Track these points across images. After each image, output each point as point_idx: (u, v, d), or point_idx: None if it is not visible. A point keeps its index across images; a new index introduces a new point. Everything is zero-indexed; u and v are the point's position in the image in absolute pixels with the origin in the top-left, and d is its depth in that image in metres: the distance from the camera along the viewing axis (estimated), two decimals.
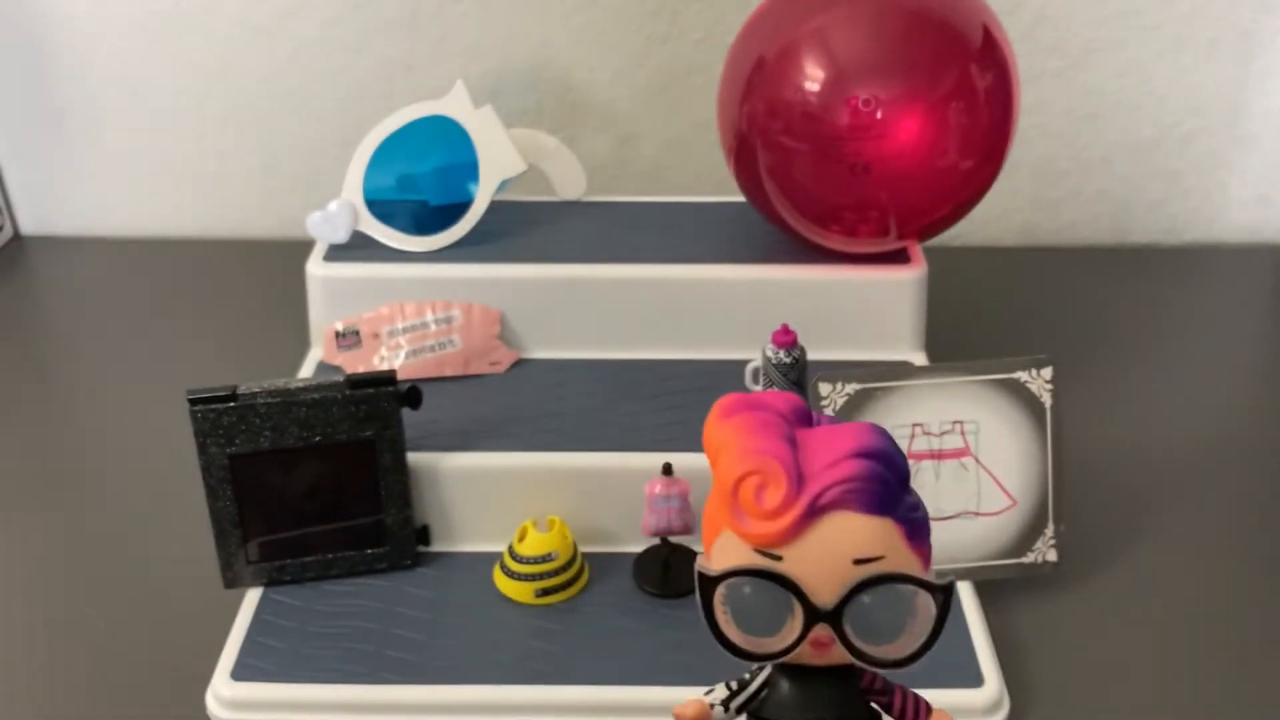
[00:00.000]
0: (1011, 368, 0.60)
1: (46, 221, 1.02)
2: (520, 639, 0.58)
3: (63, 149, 0.99)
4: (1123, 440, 0.75)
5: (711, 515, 0.24)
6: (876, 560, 0.23)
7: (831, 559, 0.23)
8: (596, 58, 0.94)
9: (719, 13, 0.92)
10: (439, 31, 0.93)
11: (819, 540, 0.23)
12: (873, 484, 0.23)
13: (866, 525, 0.23)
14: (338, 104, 0.96)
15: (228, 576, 0.60)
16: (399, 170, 0.73)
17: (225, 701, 0.55)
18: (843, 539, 0.23)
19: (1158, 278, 0.95)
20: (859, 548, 0.23)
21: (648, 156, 0.97)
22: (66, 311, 0.93)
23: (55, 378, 0.84)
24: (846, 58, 0.64)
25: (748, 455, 0.24)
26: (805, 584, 0.23)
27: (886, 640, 0.23)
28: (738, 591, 0.23)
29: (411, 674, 0.55)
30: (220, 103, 0.96)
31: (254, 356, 0.82)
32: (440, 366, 0.69)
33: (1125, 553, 0.66)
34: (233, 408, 0.58)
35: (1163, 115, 0.96)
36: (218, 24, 0.93)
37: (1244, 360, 0.85)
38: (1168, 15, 0.92)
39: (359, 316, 0.70)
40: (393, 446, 0.60)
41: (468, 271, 0.71)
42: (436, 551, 0.63)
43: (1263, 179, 0.98)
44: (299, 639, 0.57)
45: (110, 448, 0.76)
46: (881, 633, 0.23)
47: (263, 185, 1.00)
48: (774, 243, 0.73)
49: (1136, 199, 0.99)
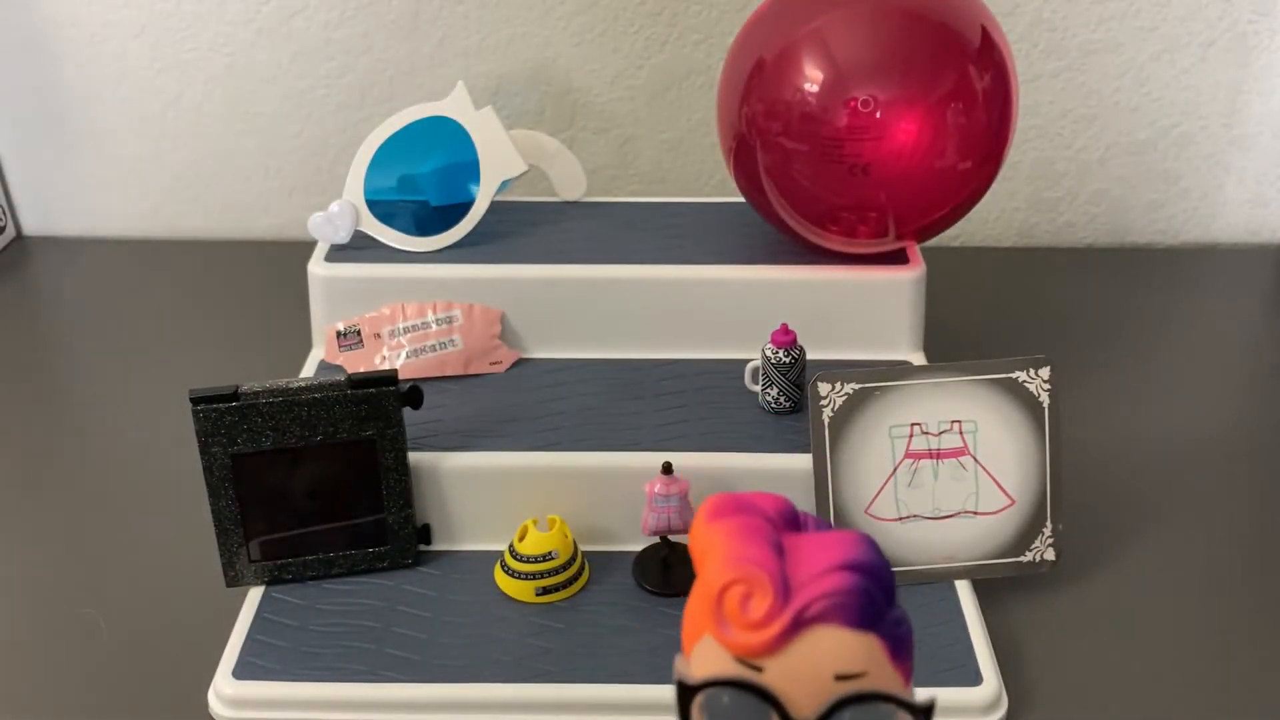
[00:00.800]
0: (1009, 368, 0.61)
1: (48, 222, 1.03)
2: (520, 638, 0.58)
3: (65, 149, 1.00)
4: (1121, 440, 0.75)
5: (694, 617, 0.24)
6: (859, 677, 0.23)
7: (813, 673, 0.23)
8: (597, 59, 0.94)
9: (719, 14, 0.92)
10: (440, 33, 0.93)
11: (802, 654, 0.23)
12: (859, 598, 0.23)
13: (850, 641, 0.23)
14: (339, 105, 0.96)
15: (230, 575, 0.61)
16: (400, 171, 0.74)
17: (227, 699, 0.55)
18: (826, 654, 0.23)
19: (1155, 278, 0.95)
20: (842, 663, 0.23)
21: (648, 157, 0.97)
22: (68, 311, 0.93)
23: (57, 378, 0.85)
24: (845, 59, 0.65)
25: (735, 563, 0.23)
26: (786, 697, 0.23)
27: None
28: (716, 700, 0.23)
29: (412, 672, 0.56)
30: (222, 104, 0.97)
31: (256, 356, 0.83)
32: (441, 366, 0.70)
33: (1123, 552, 0.66)
34: (235, 407, 0.58)
35: (1160, 117, 0.96)
36: (220, 25, 0.94)
37: (1241, 360, 0.86)
38: (1164, 17, 0.92)
39: (360, 316, 0.70)
40: (394, 446, 0.60)
41: (468, 271, 0.71)
42: (437, 550, 0.63)
43: (1259, 180, 0.98)
44: (300, 637, 0.58)
45: (111, 448, 0.76)
46: None
47: (264, 186, 1.00)
48: (773, 243, 0.73)
49: (1134, 200, 0.99)
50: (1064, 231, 1.00)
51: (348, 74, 0.95)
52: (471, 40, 0.93)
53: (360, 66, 0.95)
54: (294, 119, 0.97)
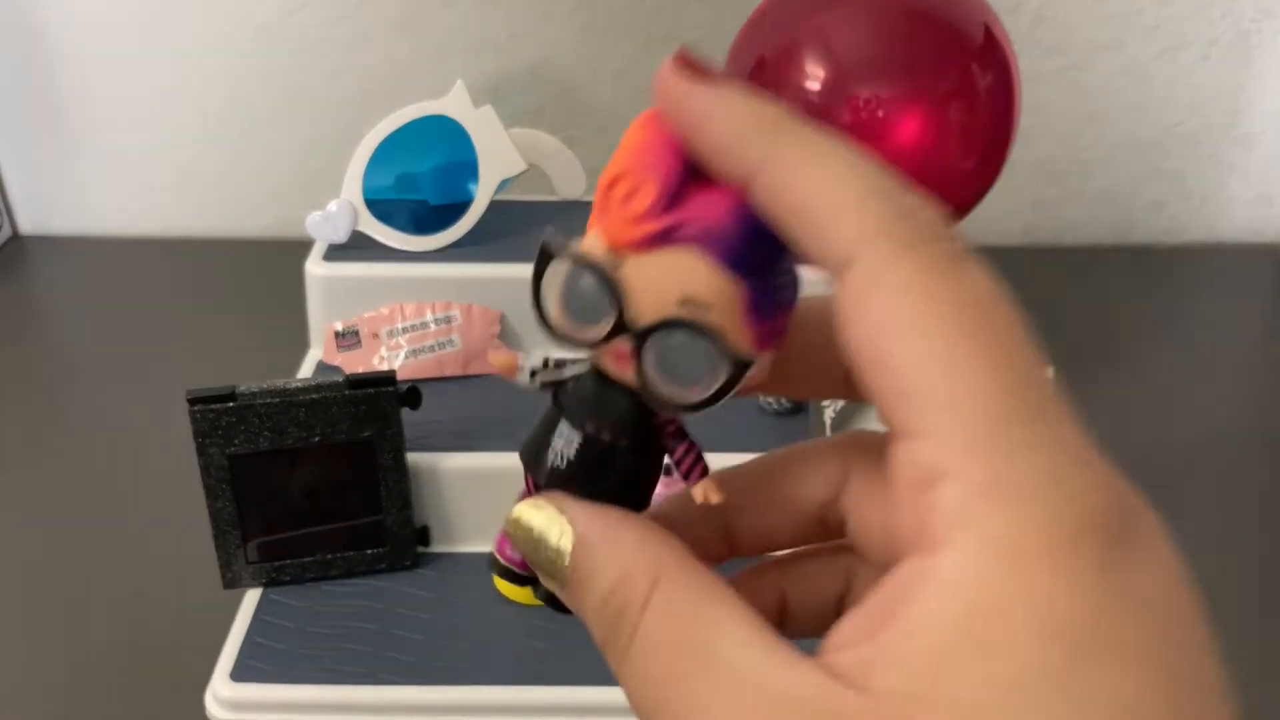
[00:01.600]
0: None
1: (46, 221, 1.02)
2: (520, 639, 0.57)
3: (62, 149, 0.99)
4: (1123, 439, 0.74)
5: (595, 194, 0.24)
6: (703, 307, 0.22)
7: (662, 288, 0.22)
8: (597, 57, 0.93)
9: (719, 13, 0.91)
10: (439, 31, 0.93)
11: (661, 265, 0.23)
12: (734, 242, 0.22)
13: (708, 274, 0.22)
14: (337, 104, 0.96)
15: (227, 577, 0.60)
16: (399, 170, 0.73)
17: (224, 702, 0.55)
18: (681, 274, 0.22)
19: (1158, 278, 0.95)
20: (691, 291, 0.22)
21: None
22: (65, 311, 0.93)
23: (54, 378, 0.84)
24: (847, 57, 0.64)
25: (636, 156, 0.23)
26: (629, 297, 0.23)
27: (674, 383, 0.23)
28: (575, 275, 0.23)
29: (411, 674, 0.55)
30: (220, 102, 0.96)
31: (253, 356, 0.82)
32: (440, 366, 0.69)
33: None
34: (232, 408, 0.58)
35: (1163, 115, 0.96)
36: (218, 23, 0.93)
37: (1245, 360, 0.85)
38: (1168, 15, 0.92)
39: (358, 316, 0.70)
40: (392, 447, 0.60)
41: (468, 271, 0.71)
42: (436, 552, 0.63)
43: (1264, 179, 0.98)
44: (298, 639, 0.57)
45: (109, 448, 0.75)
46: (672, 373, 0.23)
47: (262, 185, 1.00)
48: None
49: (1137, 199, 0.99)
50: (1067, 231, 1.00)
51: (346, 72, 0.95)
52: (471, 39, 0.93)
53: (359, 65, 0.94)
54: (292, 118, 0.96)
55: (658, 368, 0.23)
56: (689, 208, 0.23)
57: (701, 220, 0.23)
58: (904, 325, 0.19)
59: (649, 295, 0.23)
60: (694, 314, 0.22)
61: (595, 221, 0.24)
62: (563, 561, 0.23)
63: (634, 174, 0.23)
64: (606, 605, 0.23)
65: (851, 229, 0.20)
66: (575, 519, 0.23)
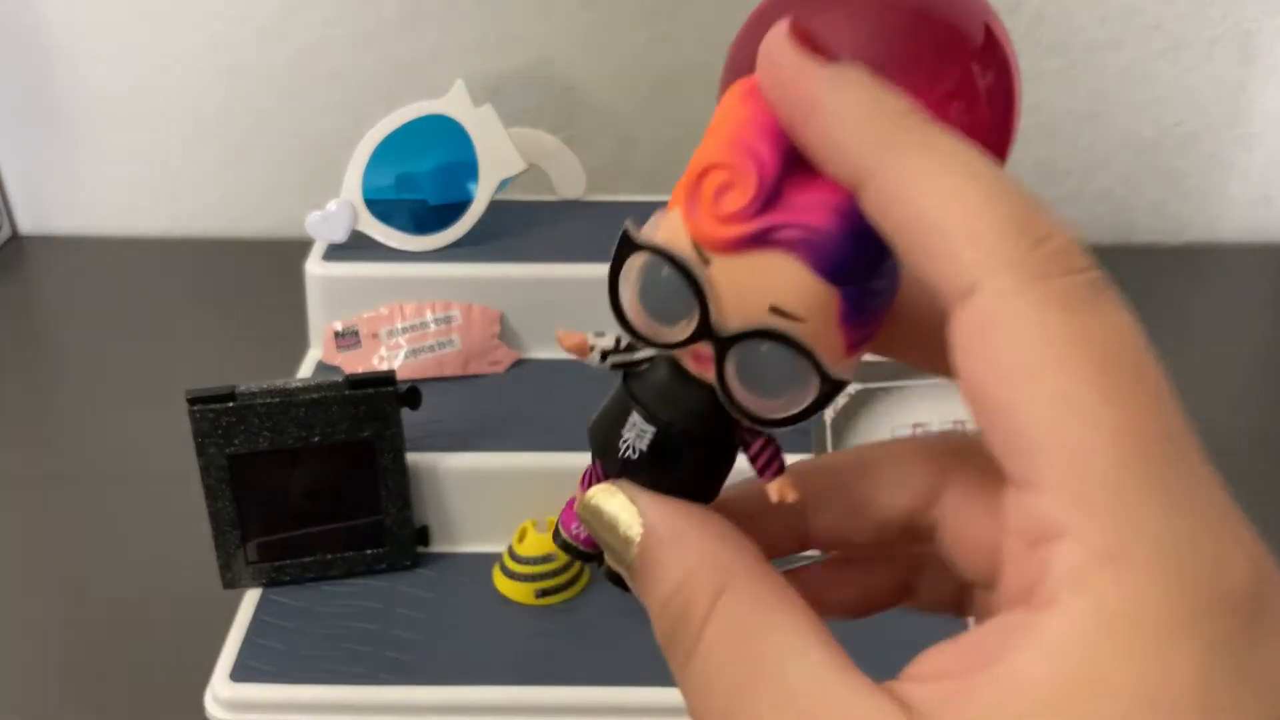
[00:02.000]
0: None
1: (45, 221, 1.02)
2: (520, 639, 0.57)
3: (62, 149, 0.99)
4: None
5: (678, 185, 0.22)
6: (795, 319, 0.20)
7: (753, 293, 0.21)
8: (597, 57, 0.93)
9: (719, 13, 0.91)
10: (439, 31, 0.93)
11: (753, 267, 0.20)
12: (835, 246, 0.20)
13: (805, 281, 0.20)
14: (337, 103, 0.96)
15: (227, 577, 0.60)
16: (398, 169, 0.73)
17: (224, 702, 0.55)
18: (775, 280, 0.20)
19: (1159, 277, 0.95)
20: (784, 299, 0.20)
21: (648, 156, 0.97)
22: (65, 311, 0.93)
23: (54, 377, 0.84)
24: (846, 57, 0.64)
25: (732, 147, 0.21)
26: (717, 300, 0.21)
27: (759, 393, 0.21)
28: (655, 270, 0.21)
29: (411, 674, 0.55)
30: (219, 102, 0.96)
31: (253, 356, 0.82)
32: (440, 366, 0.69)
33: None
34: (231, 408, 0.58)
35: (1164, 115, 0.95)
36: (217, 23, 0.93)
37: (1246, 360, 0.85)
38: (1168, 14, 0.92)
39: (358, 316, 0.70)
40: (392, 447, 0.60)
41: (468, 271, 0.71)
42: (436, 552, 0.63)
43: (1264, 179, 0.98)
44: (298, 640, 0.57)
45: (109, 448, 0.75)
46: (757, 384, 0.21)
47: (261, 185, 0.99)
48: None
49: (1138, 199, 0.99)
50: None
51: (346, 72, 0.94)
52: (471, 38, 0.93)
53: (359, 65, 0.94)
54: (291, 117, 0.96)
55: (741, 378, 0.21)
56: (789, 207, 0.21)
57: (802, 223, 0.20)
58: (1026, 369, 0.17)
59: (738, 300, 0.21)
60: (786, 325, 0.21)
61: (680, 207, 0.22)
62: (631, 551, 0.22)
63: (729, 166, 0.21)
64: (669, 606, 0.22)
65: (974, 253, 0.18)
66: (645, 511, 0.22)
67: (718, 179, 0.21)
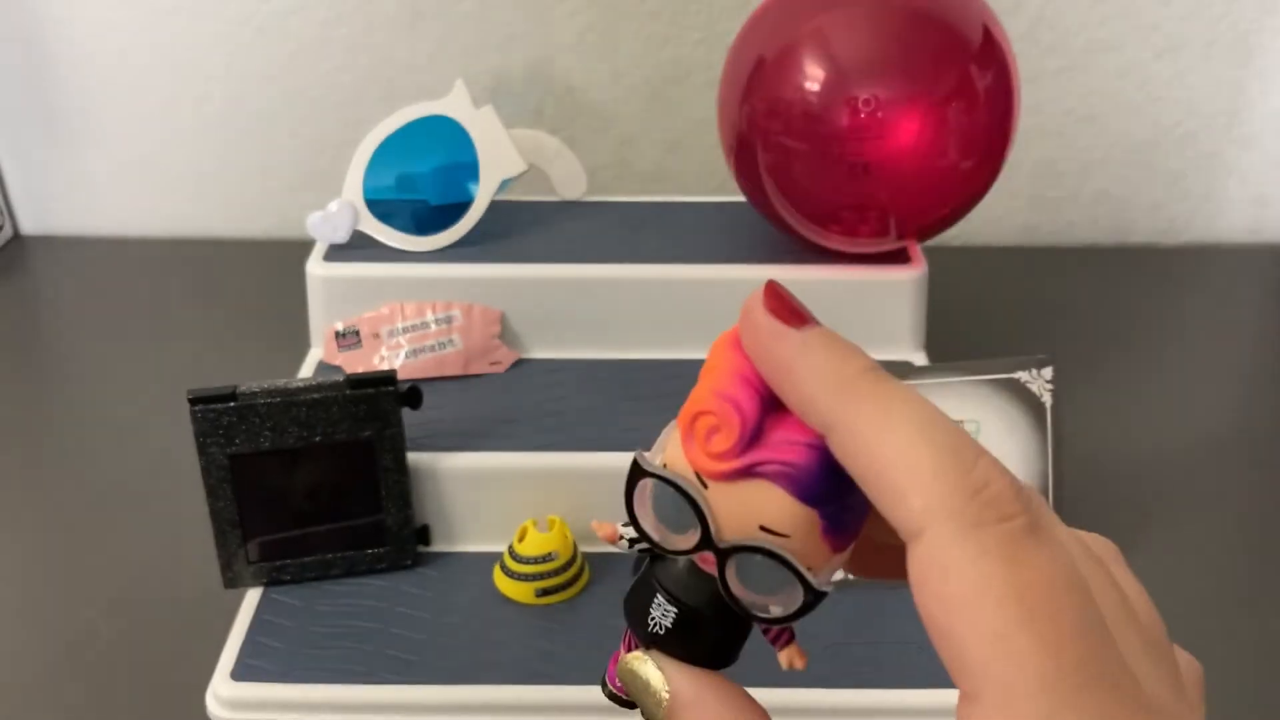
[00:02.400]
0: (1011, 368, 0.60)
1: (47, 221, 1.03)
2: (520, 639, 0.58)
3: (63, 149, 0.99)
4: (1123, 440, 0.75)
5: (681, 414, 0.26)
6: (782, 536, 0.24)
7: (745, 515, 0.25)
8: (597, 58, 0.94)
9: (719, 13, 0.92)
10: (439, 32, 0.93)
11: (742, 495, 0.25)
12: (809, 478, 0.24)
13: (787, 507, 0.24)
14: (338, 104, 0.96)
15: (228, 576, 0.60)
16: (399, 170, 0.73)
17: (225, 701, 0.55)
18: (762, 506, 0.25)
19: (1157, 278, 0.95)
20: (771, 520, 0.24)
21: (648, 156, 0.97)
22: (66, 311, 0.93)
23: (55, 377, 0.84)
24: (846, 58, 0.64)
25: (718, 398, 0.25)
26: (714, 519, 0.25)
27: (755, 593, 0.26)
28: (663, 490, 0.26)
29: (411, 674, 0.55)
30: (220, 102, 0.96)
31: (254, 356, 0.82)
32: (440, 366, 0.69)
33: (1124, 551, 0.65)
34: (233, 408, 0.58)
35: (1162, 115, 0.96)
36: (217, 24, 0.93)
37: (1244, 360, 0.85)
38: (1167, 15, 0.92)
39: (359, 316, 0.70)
40: (393, 446, 0.60)
41: (468, 271, 0.71)
42: (436, 551, 0.63)
43: (1262, 179, 0.98)
44: (299, 639, 0.57)
45: (110, 448, 0.76)
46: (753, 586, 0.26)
47: (262, 185, 1.00)
48: (774, 243, 0.73)
49: (1136, 199, 0.99)
50: (1066, 231, 1.00)
51: (347, 73, 0.95)
52: (471, 39, 0.93)
53: (359, 65, 0.94)
54: (293, 118, 0.97)
55: (739, 581, 0.26)
56: (768, 445, 0.25)
57: (779, 459, 0.24)
58: (963, 604, 0.21)
59: (732, 520, 0.25)
60: (773, 542, 0.25)
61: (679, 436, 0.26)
62: (660, 712, 0.27)
63: (716, 414, 0.25)
64: None
65: (920, 502, 0.21)
66: (671, 679, 0.27)
67: (708, 423, 0.25)
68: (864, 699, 0.54)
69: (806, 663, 0.28)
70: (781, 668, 0.28)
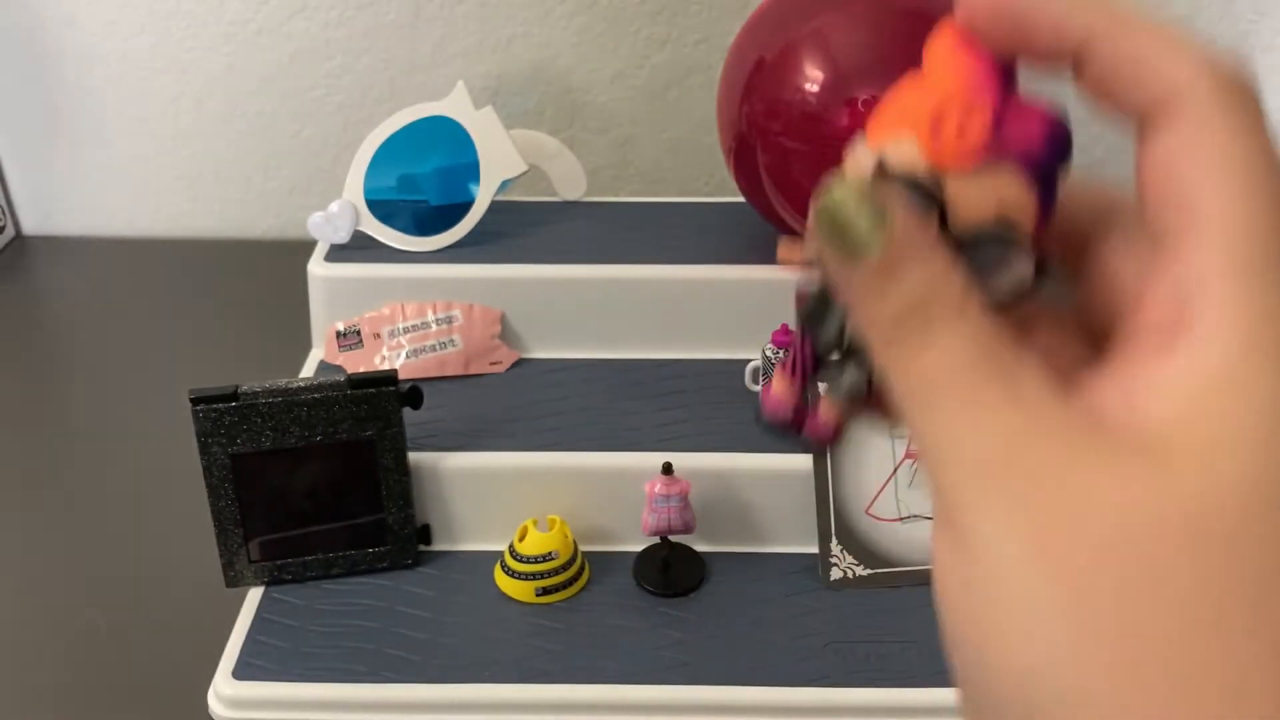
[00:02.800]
0: None
1: (48, 221, 1.03)
2: (520, 638, 0.58)
3: (64, 149, 1.00)
4: None
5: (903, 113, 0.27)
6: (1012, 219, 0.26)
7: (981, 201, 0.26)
8: (597, 59, 0.94)
9: (719, 14, 0.92)
10: (440, 33, 0.93)
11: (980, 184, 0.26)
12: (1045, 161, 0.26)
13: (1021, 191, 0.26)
14: (339, 105, 0.96)
15: (229, 575, 0.60)
16: (400, 171, 0.74)
17: (227, 700, 0.55)
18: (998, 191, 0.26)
19: None
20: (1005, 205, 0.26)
21: (648, 157, 0.97)
22: (68, 311, 0.93)
23: (56, 377, 0.85)
24: (846, 58, 0.65)
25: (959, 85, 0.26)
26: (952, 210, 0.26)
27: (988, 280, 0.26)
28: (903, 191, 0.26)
29: (412, 672, 0.56)
30: (222, 103, 0.97)
31: (255, 356, 0.83)
32: (441, 366, 0.70)
33: None
34: (234, 407, 0.58)
35: None
36: (219, 25, 0.94)
37: None
38: (1167, 15, 0.92)
39: (360, 316, 0.70)
40: (394, 446, 0.60)
41: (468, 271, 0.71)
42: (437, 551, 0.63)
43: None
44: (300, 638, 0.58)
45: (111, 448, 0.76)
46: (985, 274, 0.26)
47: (264, 186, 1.00)
48: (774, 243, 0.73)
49: None
50: None
51: (348, 74, 0.95)
52: (471, 40, 0.93)
53: (360, 66, 0.95)
54: (294, 119, 0.97)
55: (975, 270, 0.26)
56: (1009, 131, 0.26)
57: (1021, 144, 0.26)
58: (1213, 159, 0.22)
59: (969, 208, 0.26)
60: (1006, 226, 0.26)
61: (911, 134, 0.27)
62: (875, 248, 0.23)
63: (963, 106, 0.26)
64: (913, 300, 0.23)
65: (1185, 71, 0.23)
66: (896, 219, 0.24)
67: (954, 119, 0.26)
68: (864, 698, 0.54)
69: None
70: None
